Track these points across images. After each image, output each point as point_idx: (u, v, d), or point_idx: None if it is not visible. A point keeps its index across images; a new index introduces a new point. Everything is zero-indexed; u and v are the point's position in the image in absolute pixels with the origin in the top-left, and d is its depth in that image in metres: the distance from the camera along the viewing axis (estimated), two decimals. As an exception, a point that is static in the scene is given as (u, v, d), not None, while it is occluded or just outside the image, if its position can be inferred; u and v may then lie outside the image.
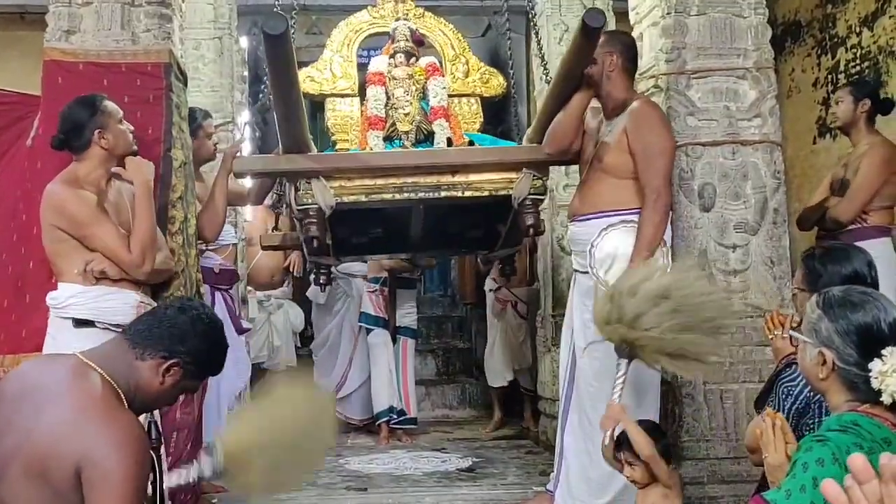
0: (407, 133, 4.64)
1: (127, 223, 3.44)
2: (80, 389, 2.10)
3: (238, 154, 4.36)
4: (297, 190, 4.16)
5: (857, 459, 1.14)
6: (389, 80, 4.80)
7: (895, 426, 1.95)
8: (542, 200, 4.38)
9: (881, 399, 1.94)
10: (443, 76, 4.92)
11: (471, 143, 4.69)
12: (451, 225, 4.86)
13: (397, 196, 4.24)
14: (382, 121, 4.67)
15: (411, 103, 4.69)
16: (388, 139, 4.65)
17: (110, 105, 3.45)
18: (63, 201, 3.33)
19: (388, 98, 4.75)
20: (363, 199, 4.21)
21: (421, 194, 4.22)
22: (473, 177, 4.22)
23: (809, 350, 2.09)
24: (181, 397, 2.60)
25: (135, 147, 3.52)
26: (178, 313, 2.31)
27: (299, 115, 3.89)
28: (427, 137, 4.67)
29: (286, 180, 4.55)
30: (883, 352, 1.93)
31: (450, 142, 4.51)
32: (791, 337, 2.24)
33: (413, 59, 4.88)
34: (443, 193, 4.23)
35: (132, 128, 3.51)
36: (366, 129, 4.71)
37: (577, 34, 3.63)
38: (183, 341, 2.26)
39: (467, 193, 4.25)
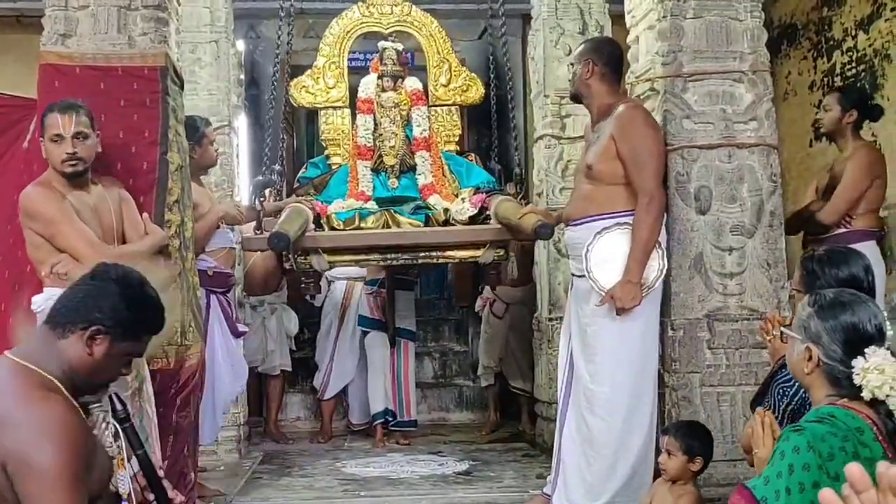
0: (392, 167, 5.29)
1: (109, 228, 3.44)
2: (3, 390, 2.07)
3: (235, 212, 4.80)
4: (297, 256, 4.82)
5: (854, 469, 1.15)
6: (378, 106, 5.35)
7: (868, 417, 2.05)
8: (502, 262, 5.16)
9: (861, 395, 2.05)
10: (425, 104, 5.43)
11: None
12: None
13: (381, 263, 5.16)
14: (371, 151, 5.30)
15: (396, 135, 5.32)
16: (375, 171, 5.30)
17: (48, 119, 3.40)
18: (33, 201, 3.36)
19: (376, 127, 5.33)
20: (353, 265, 5.00)
21: (402, 261, 5.00)
22: (448, 252, 4.93)
23: (797, 346, 2.19)
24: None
25: (68, 169, 3.39)
26: (88, 281, 2.26)
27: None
28: (410, 169, 5.30)
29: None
30: (866, 350, 2.05)
31: (427, 210, 5.05)
32: (781, 333, 2.33)
33: (399, 81, 5.40)
34: (420, 261, 5.01)
35: (72, 150, 3.37)
36: (356, 155, 5.31)
37: (528, 229, 4.26)
38: (98, 307, 2.19)
39: (440, 261, 5.10)
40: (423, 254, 4.90)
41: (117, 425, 2.25)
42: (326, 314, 6.76)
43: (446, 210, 5.01)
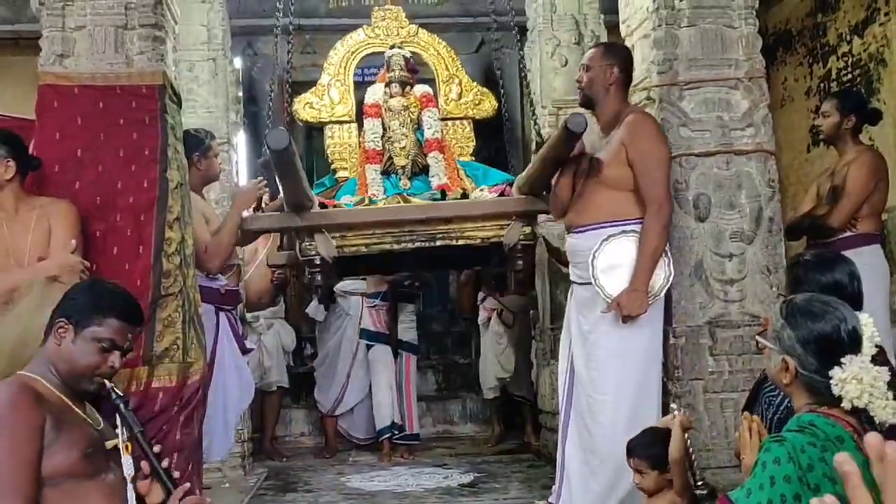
0: (403, 167, 4.90)
1: (15, 251, 3.44)
2: None
3: (259, 200, 4.46)
4: (301, 242, 4.43)
5: (874, 438, 1.14)
6: (385, 111, 5.04)
7: (849, 425, 2.03)
8: (532, 245, 4.66)
9: (842, 404, 2.03)
10: (436, 107, 5.14)
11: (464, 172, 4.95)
12: (447, 254, 4.96)
13: (395, 246, 4.54)
14: (380, 154, 4.94)
15: (407, 136, 4.98)
16: (385, 173, 4.89)
17: None
18: None
19: (385, 130, 4.98)
20: (363, 249, 4.52)
21: (417, 244, 4.50)
22: (467, 226, 4.49)
23: (774, 357, 2.18)
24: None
25: None
26: None
27: (302, 193, 4.24)
28: (423, 170, 4.92)
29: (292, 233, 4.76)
30: (842, 360, 2.03)
31: (443, 195, 4.70)
32: (757, 343, 2.31)
33: (408, 88, 5.12)
34: (438, 242, 4.50)
35: None
36: (364, 161, 4.94)
37: (559, 134, 3.80)
38: (59, 307, 2.52)
39: (461, 242, 4.52)
40: (440, 235, 4.48)
41: (122, 407, 2.45)
42: (337, 329, 6.73)
43: (464, 195, 4.71)
